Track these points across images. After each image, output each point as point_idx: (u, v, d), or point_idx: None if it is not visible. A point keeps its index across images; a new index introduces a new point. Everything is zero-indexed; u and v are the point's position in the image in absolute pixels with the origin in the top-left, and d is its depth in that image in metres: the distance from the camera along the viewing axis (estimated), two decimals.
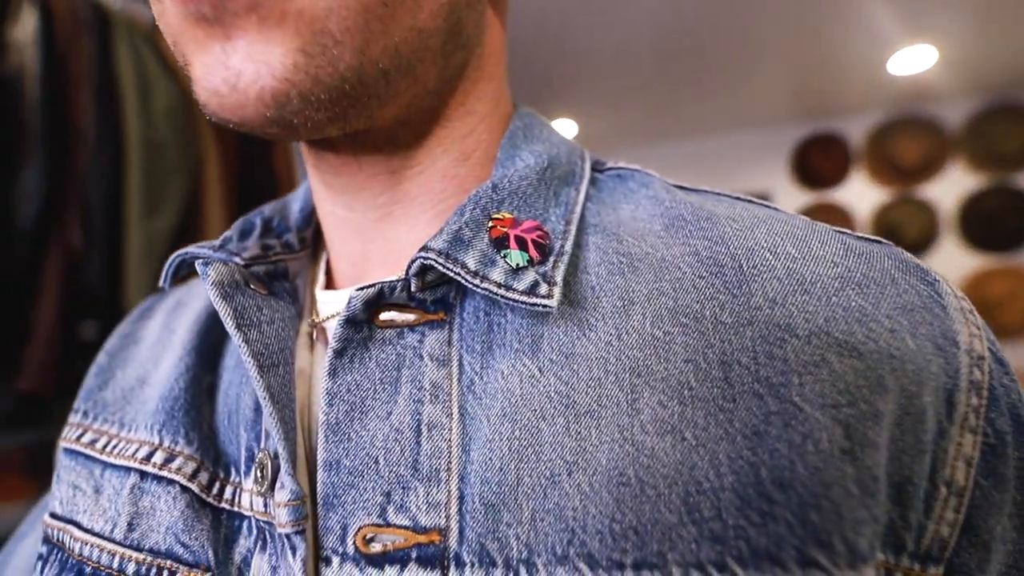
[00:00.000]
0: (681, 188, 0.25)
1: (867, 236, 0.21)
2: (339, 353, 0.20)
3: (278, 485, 0.19)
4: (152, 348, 0.28)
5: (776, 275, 0.19)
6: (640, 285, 0.20)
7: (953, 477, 0.18)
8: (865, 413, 0.17)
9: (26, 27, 0.82)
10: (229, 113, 0.17)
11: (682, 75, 1.97)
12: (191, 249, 0.23)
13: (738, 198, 0.24)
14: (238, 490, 0.22)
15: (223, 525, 0.22)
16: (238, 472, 0.22)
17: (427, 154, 0.22)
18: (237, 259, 0.23)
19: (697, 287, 0.19)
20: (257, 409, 0.23)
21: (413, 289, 0.20)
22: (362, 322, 0.20)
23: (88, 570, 0.22)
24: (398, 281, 0.20)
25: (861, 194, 2.41)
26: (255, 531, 0.21)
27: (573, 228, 0.22)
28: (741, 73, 1.95)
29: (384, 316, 0.20)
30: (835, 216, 2.43)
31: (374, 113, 0.19)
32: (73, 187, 0.87)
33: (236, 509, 0.22)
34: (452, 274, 0.19)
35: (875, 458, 0.16)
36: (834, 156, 2.45)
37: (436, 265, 0.19)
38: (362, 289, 0.20)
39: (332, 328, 0.23)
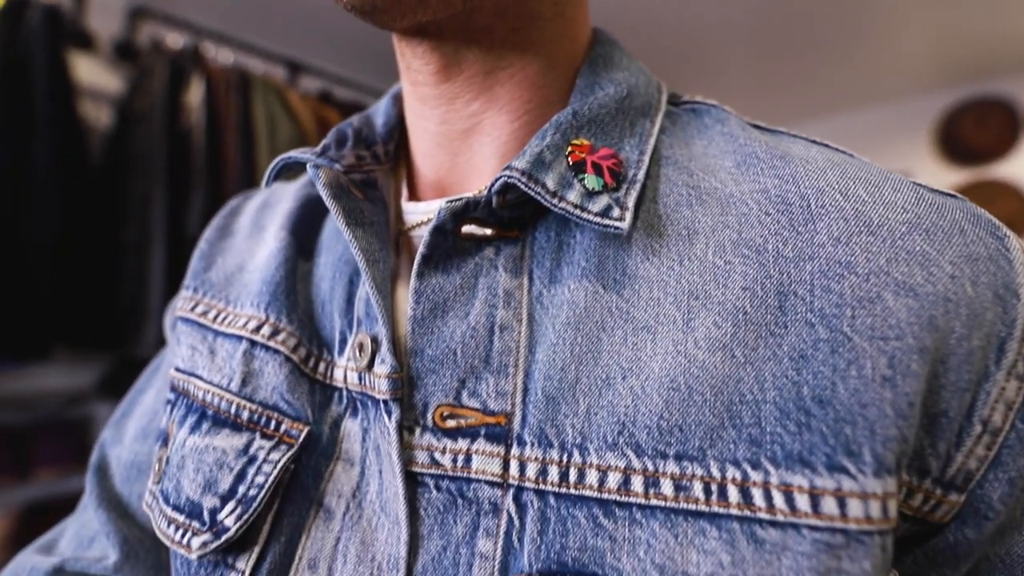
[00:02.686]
0: (757, 127, 0.25)
1: (944, 190, 0.21)
2: (426, 259, 0.22)
3: (378, 361, 0.22)
4: (246, 240, 0.31)
5: (844, 215, 0.19)
6: (706, 217, 0.21)
7: (991, 417, 0.18)
8: (911, 347, 0.17)
9: (194, 94, 1.16)
10: None
11: (782, 56, 1.84)
12: (294, 154, 0.25)
13: (814, 141, 0.24)
14: (330, 366, 0.25)
15: (317, 392, 0.25)
16: (330, 351, 0.26)
17: (519, 56, 0.23)
18: (338, 166, 0.25)
19: (762, 222, 0.20)
20: (349, 300, 0.26)
21: (494, 205, 0.21)
22: (448, 232, 0.22)
23: (210, 412, 0.26)
24: (482, 196, 0.21)
25: None
26: (346, 400, 0.24)
27: (646, 159, 0.23)
28: (857, 41, 1.76)
29: (466, 229, 0.22)
30: (1003, 194, 2.04)
31: None
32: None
33: (328, 381, 0.25)
34: (533, 193, 0.20)
35: (914, 387, 0.17)
36: (994, 124, 2.06)
37: (518, 184, 0.20)
38: (451, 202, 0.21)
39: (419, 235, 0.26)
